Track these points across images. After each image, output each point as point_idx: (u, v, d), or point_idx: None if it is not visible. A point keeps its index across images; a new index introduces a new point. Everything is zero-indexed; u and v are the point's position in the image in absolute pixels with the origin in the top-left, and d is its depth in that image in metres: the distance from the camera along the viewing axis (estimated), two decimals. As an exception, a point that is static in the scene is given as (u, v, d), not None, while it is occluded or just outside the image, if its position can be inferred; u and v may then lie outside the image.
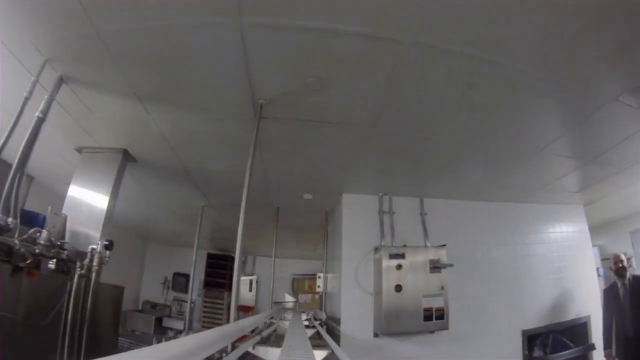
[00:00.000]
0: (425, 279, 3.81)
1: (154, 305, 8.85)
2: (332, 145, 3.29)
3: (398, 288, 3.69)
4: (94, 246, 2.98)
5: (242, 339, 3.30)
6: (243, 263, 9.40)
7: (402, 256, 3.80)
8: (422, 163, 3.71)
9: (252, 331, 3.78)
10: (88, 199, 3.41)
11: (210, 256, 8.86)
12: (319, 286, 5.05)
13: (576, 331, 5.02)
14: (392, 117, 2.84)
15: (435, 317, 3.76)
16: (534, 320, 4.68)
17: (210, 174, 4.06)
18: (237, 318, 2.72)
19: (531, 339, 4.79)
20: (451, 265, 3.88)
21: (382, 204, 4.32)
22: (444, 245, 4.02)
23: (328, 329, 4.12)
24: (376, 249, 4.06)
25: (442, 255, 3.94)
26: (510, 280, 4.66)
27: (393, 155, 3.53)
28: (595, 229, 6.06)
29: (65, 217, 3.03)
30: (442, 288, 3.84)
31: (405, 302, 3.68)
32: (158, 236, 8.78)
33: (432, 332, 3.83)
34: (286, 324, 3.76)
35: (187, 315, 5.73)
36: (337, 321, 3.99)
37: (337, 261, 4.35)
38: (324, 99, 2.63)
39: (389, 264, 3.76)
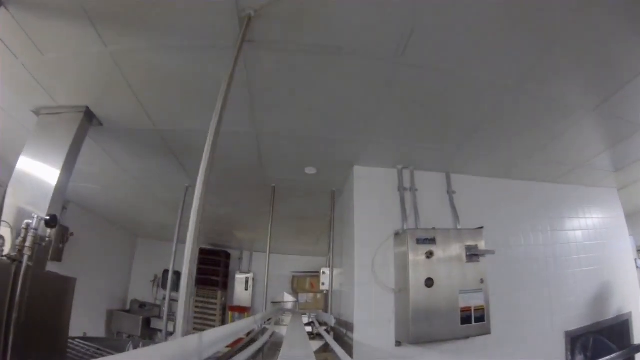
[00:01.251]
0: (461, 271, 2.92)
1: (142, 305, 7.93)
2: (343, 90, 2.41)
3: (429, 282, 2.78)
4: (29, 221, 2.20)
5: (238, 342, 2.51)
6: (239, 259, 8.45)
7: (433, 241, 2.90)
8: (451, 125, 2.88)
9: (247, 334, 2.91)
10: (39, 170, 2.63)
11: (202, 251, 7.89)
12: (323, 283, 4.08)
13: (617, 330, 4.19)
14: (423, 45, 2.01)
15: (474, 319, 2.85)
16: (575, 318, 3.84)
17: (189, 138, 3.15)
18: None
19: (573, 342, 3.92)
20: (492, 251, 2.98)
21: (403, 180, 3.41)
22: (481, 227, 3.11)
23: (336, 336, 3.22)
24: (397, 234, 3.15)
25: (480, 240, 3.05)
26: (548, 271, 3.81)
27: (417, 112, 2.70)
28: (628, 217, 5.21)
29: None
30: (482, 281, 2.95)
31: (438, 301, 2.78)
32: (147, 231, 7.86)
33: (467, 337, 2.89)
34: (284, 330, 2.86)
35: (165, 315, 4.75)
36: (349, 326, 3.08)
37: (348, 252, 3.45)
38: (339, 11, 1.76)
39: (416, 251, 2.86)
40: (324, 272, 4.40)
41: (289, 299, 8.01)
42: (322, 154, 3.24)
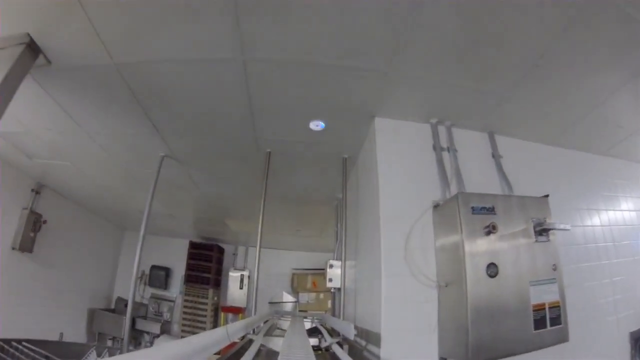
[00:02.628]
0: (530, 253, 2.00)
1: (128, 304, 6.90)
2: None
3: (492, 270, 1.85)
4: None
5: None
6: (233, 255, 7.50)
7: (492, 211, 1.97)
8: (497, 67, 2.07)
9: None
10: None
11: (193, 245, 6.96)
12: (330, 279, 3.12)
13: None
14: None
15: (549, 321, 1.92)
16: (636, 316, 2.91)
17: (157, 76, 2.25)
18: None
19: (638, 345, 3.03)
20: (567, 228, 2.05)
21: (438, 137, 2.49)
22: (546, 196, 2.19)
23: (352, 351, 2.29)
24: (437, 207, 2.23)
25: (547, 212, 2.12)
26: (608, 258, 2.89)
27: (457, 47, 1.90)
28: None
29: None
30: (555, 268, 2.02)
31: (504, 297, 1.86)
32: (134, 223, 6.89)
33: (540, 348, 1.94)
34: (279, 343, 1.96)
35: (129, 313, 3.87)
36: (371, 338, 2.13)
37: (369, 236, 2.56)
38: None
39: (472, 225, 1.92)
40: (331, 266, 3.45)
41: (288, 299, 7.06)
42: (333, 98, 2.32)
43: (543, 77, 2.14)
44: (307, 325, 3.41)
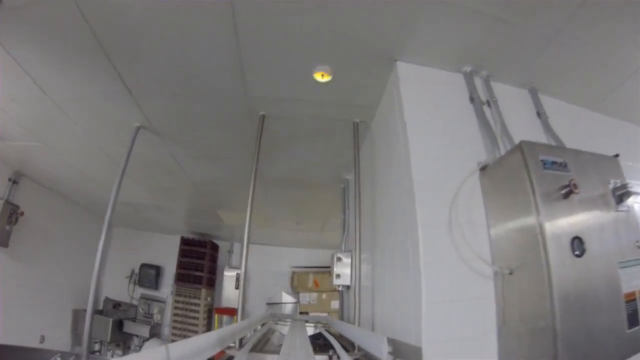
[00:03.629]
0: (613, 225, 1.45)
1: (117, 305, 6.42)
2: None
3: (578, 246, 1.30)
4: None
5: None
6: (228, 252, 6.92)
7: (565, 167, 1.42)
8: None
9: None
10: None
11: (184, 242, 6.38)
12: (337, 275, 2.53)
13: None
14: None
15: (642, 317, 1.38)
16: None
17: (129, 26, 1.81)
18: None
19: None
20: (651, 195, 1.52)
21: (475, 87, 1.96)
22: (616, 155, 1.67)
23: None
24: (484, 169, 1.69)
25: (621, 175, 1.59)
26: None
27: None
28: None
29: None
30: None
31: (594, 283, 1.31)
32: (123, 218, 6.35)
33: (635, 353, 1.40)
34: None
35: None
36: (408, 354, 1.50)
37: (393, 215, 2.02)
38: None
39: (546, 186, 1.37)
40: (339, 259, 2.89)
41: (287, 299, 6.48)
42: (344, 31, 1.77)
43: (588, 23, 1.66)
44: (310, 330, 2.85)
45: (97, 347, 6.11)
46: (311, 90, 2.19)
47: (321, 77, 2.03)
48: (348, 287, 2.78)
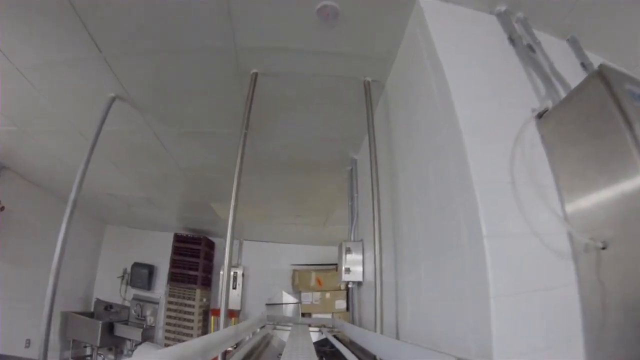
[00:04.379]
0: None
1: (108, 307, 6.00)
2: None
3: None
4: None
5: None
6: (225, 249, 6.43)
7: None
8: None
9: None
10: None
11: (178, 239, 5.93)
12: (347, 270, 2.02)
13: None
14: None
15: None
16: None
17: None
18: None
19: None
20: None
21: (514, 28, 1.50)
22: None
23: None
24: (543, 115, 1.22)
25: None
26: None
27: None
28: None
29: None
30: None
31: None
32: (114, 213, 5.94)
33: None
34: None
35: None
36: None
37: (426, 175, 1.56)
38: None
39: None
40: (348, 250, 2.40)
41: (288, 299, 6.00)
42: None
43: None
44: (315, 336, 2.38)
45: (87, 351, 5.70)
46: (313, 36, 1.74)
47: (324, 19, 1.56)
48: (360, 283, 2.32)
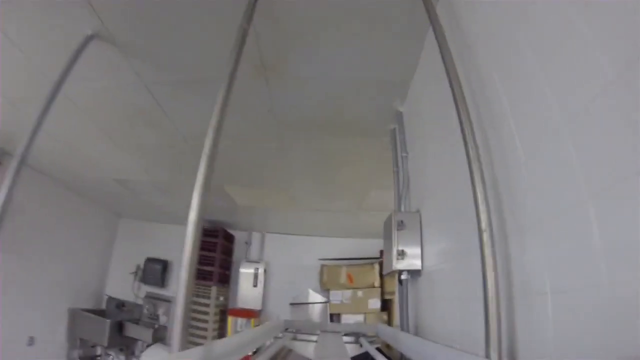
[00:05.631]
0: None
1: (120, 304, 5.50)
2: None
3: None
4: None
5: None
6: (245, 243, 5.79)
7: None
8: None
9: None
10: None
11: (191, 230, 5.27)
12: (401, 253, 1.20)
13: None
14: None
15: None
16: None
17: None
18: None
19: None
20: None
21: None
22: None
23: None
24: None
25: None
26: None
27: None
28: None
29: None
30: None
31: None
32: (127, 205, 5.43)
33: None
34: None
35: None
36: None
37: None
38: None
39: None
40: (400, 225, 1.59)
41: (315, 298, 5.26)
42: None
43: None
44: (350, 348, 1.62)
45: (98, 351, 5.19)
46: None
47: None
48: (417, 273, 1.54)
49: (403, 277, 1.58)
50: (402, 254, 1.53)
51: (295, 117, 2.37)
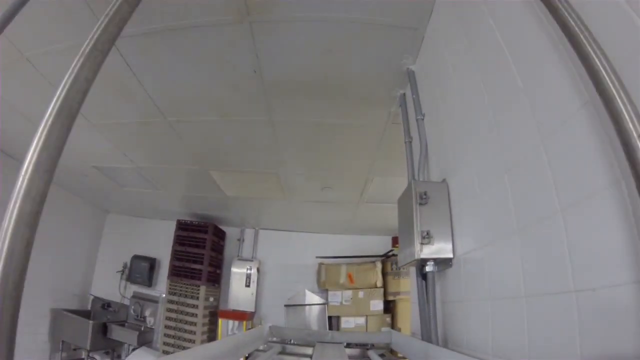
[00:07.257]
0: None
1: (106, 305, 5.06)
2: None
3: None
4: None
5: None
6: (238, 240, 5.34)
7: None
8: None
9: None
10: None
11: (181, 226, 4.85)
12: (426, 236, 0.75)
13: None
14: None
15: None
16: None
17: None
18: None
19: None
20: None
21: None
22: None
23: None
24: None
25: None
26: None
27: None
28: None
29: None
30: None
31: None
32: (113, 199, 4.99)
33: None
34: None
35: None
36: None
37: None
38: None
39: None
40: (424, 197, 1.14)
41: (313, 299, 4.81)
42: None
43: None
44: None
45: (82, 354, 4.75)
46: None
47: None
48: (449, 261, 1.09)
49: (428, 268, 1.13)
50: (428, 237, 1.09)
51: (286, 78, 1.94)
